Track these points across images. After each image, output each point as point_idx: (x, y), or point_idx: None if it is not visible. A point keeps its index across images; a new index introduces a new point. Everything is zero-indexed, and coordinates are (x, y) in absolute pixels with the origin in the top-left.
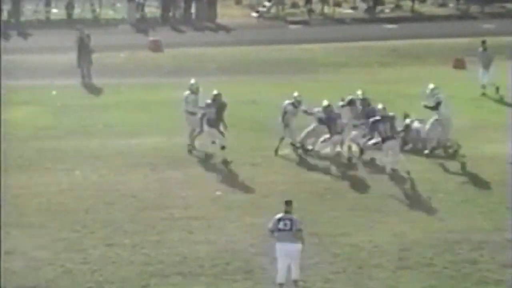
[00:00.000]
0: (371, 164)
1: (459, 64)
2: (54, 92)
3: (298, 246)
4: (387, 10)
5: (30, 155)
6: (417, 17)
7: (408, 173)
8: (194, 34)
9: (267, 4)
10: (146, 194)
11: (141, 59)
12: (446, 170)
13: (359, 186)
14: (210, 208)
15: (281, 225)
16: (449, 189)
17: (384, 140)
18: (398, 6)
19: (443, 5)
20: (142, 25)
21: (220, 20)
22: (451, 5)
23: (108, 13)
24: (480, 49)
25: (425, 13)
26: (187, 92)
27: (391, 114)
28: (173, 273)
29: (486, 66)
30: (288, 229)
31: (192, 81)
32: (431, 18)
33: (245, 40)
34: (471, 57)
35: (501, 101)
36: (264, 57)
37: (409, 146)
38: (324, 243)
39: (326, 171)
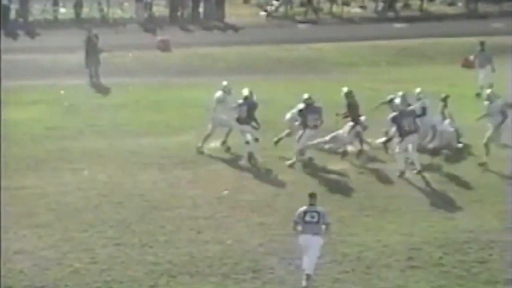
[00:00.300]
0: (379, 164)
1: (468, 63)
2: (62, 92)
3: (320, 240)
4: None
5: (38, 155)
6: (426, 16)
7: (419, 172)
8: (202, 33)
9: (275, 3)
10: (154, 194)
11: (149, 59)
12: (455, 169)
13: (368, 185)
14: (218, 207)
15: (307, 218)
16: (459, 188)
17: (406, 134)
18: (407, 5)
19: (452, 4)
20: (150, 24)
21: (228, 19)
22: (460, 4)
23: (116, 13)
24: (478, 48)
25: (434, 12)
26: (219, 93)
27: (410, 108)
28: (182, 273)
29: (484, 66)
30: (316, 222)
31: (225, 82)
32: (440, 17)
33: (253, 39)
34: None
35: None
36: (272, 57)
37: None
38: (333, 243)
39: (335, 171)
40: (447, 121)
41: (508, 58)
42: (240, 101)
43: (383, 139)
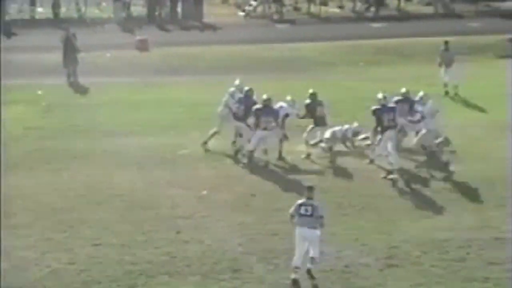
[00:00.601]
0: (358, 162)
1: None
2: (40, 92)
3: (317, 232)
4: (372, 9)
5: (16, 155)
6: (404, 16)
7: (393, 171)
8: (181, 33)
9: (253, 3)
10: (133, 194)
11: (127, 58)
12: (433, 168)
13: (346, 184)
14: (198, 207)
15: (302, 211)
16: (437, 187)
17: (385, 129)
18: (384, 5)
19: (429, 3)
20: (128, 24)
21: (206, 19)
22: (437, 4)
23: (94, 12)
24: (442, 48)
25: (411, 12)
26: (232, 90)
27: (392, 104)
28: (161, 273)
29: (448, 65)
30: (309, 215)
31: (237, 81)
32: (417, 16)
33: (232, 39)
34: (457, 56)
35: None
36: (251, 56)
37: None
38: None
39: (313, 170)
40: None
41: (483, 57)
42: (240, 95)
43: (363, 135)
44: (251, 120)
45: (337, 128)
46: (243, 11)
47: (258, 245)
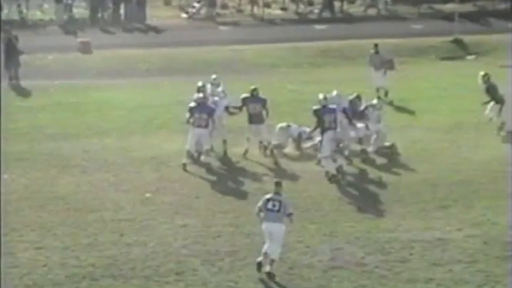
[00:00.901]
0: (302, 164)
1: (389, 65)
2: None
3: (283, 227)
4: (316, 11)
5: None
6: (347, 18)
7: (340, 171)
8: (124, 35)
9: (196, 5)
10: (76, 197)
11: (70, 61)
12: (377, 169)
13: (290, 186)
14: (141, 210)
15: (269, 205)
16: (380, 189)
17: (326, 130)
18: (327, 7)
19: (372, 6)
20: (70, 26)
21: (149, 21)
22: (380, 6)
23: (36, 14)
24: (372, 51)
25: (354, 14)
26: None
27: (332, 106)
28: (104, 276)
29: (378, 68)
30: (276, 210)
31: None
32: (360, 19)
33: (175, 41)
34: (400, 58)
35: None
36: (194, 58)
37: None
38: (256, 244)
39: (258, 172)
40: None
41: (426, 59)
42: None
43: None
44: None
45: (292, 126)
46: (186, 13)
47: (202, 247)
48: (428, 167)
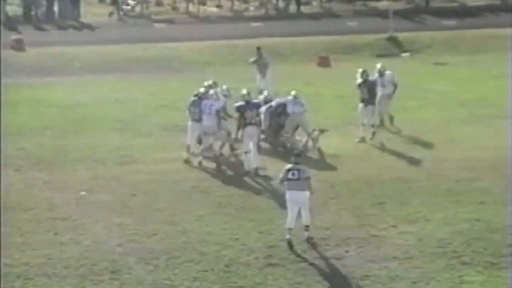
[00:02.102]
0: (236, 162)
1: (324, 62)
2: None
3: (306, 193)
4: (252, 8)
5: None
6: (282, 16)
7: (247, 173)
8: (57, 32)
9: (131, 2)
10: (10, 195)
11: (3, 59)
12: (310, 166)
13: (227, 184)
14: (76, 208)
15: (290, 175)
16: (314, 185)
17: (246, 125)
18: (262, 4)
19: (306, 3)
20: (3, 23)
21: (83, 18)
22: (314, 3)
23: None
24: (256, 56)
25: (289, 11)
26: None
27: (256, 101)
28: (38, 275)
29: (263, 72)
30: (296, 179)
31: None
32: (296, 16)
33: (109, 38)
34: (335, 55)
35: None
36: (128, 56)
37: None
38: (191, 242)
39: (194, 170)
40: None
41: (360, 57)
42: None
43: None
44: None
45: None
46: (121, 10)
47: (138, 246)
48: (362, 164)
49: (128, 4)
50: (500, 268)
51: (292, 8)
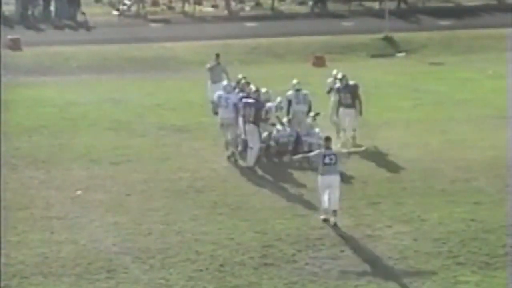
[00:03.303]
0: (234, 162)
1: (319, 62)
2: None
3: (338, 177)
4: (247, 8)
5: None
6: (277, 15)
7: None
8: (54, 32)
9: (127, 2)
10: (6, 194)
11: None
12: (308, 167)
13: (222, 184)
14: (72, 207)
15: (327, 160)
16: (309, 186)
17: (244, 123)
18: (258, 4)
19: (302, 3)
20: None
21: (80, 18)
22: (310, 3)
23: None
24: (213, 63)
25: (285, 11)
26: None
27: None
28: (34, 274)
29: (217, 81)
30: (334, 163)
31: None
32: (291, 16)
33: (106, 38)
34: (331, 55)
35: None
36: (125, 55)
37: None
38: (187, 241)
39: (189, 170)
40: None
41: (356, 57)
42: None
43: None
44: None
45: None
46: (117, 10)
47: (133, 245)
48: (357, 164)
49: (124, 4)
50: (495, 268)
51: (287, 8)
